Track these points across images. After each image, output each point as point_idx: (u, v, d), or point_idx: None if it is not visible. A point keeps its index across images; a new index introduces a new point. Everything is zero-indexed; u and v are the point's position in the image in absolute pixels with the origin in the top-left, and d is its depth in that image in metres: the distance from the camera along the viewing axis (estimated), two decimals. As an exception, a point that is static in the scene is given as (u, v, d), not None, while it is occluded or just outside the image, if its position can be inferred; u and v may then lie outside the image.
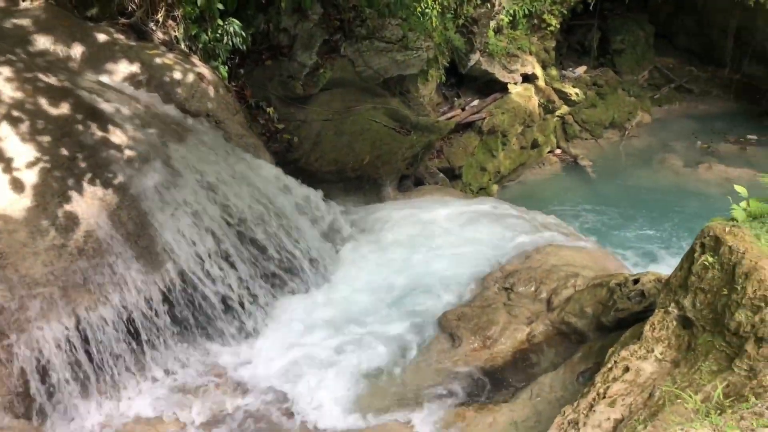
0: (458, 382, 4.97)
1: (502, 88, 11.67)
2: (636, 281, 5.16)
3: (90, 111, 5.32)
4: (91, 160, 5.03)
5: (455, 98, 11.54)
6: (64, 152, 4.93)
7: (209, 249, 5.40)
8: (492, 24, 11.21)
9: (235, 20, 7.07)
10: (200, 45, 6.99)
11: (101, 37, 6.28)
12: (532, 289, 6.02)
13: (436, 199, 8.35)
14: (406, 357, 5.29)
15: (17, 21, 5.98)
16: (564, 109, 13.10)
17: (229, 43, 7.15)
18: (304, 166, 7.98)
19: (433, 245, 6.96)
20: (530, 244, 6.88)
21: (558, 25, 12.90)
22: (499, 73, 11.42)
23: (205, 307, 5.31)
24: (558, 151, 13.06)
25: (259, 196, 6.08)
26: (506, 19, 11.64)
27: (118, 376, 4.81)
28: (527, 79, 12.12)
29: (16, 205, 4.53)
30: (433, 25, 9.45)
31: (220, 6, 6.81)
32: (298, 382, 5.05)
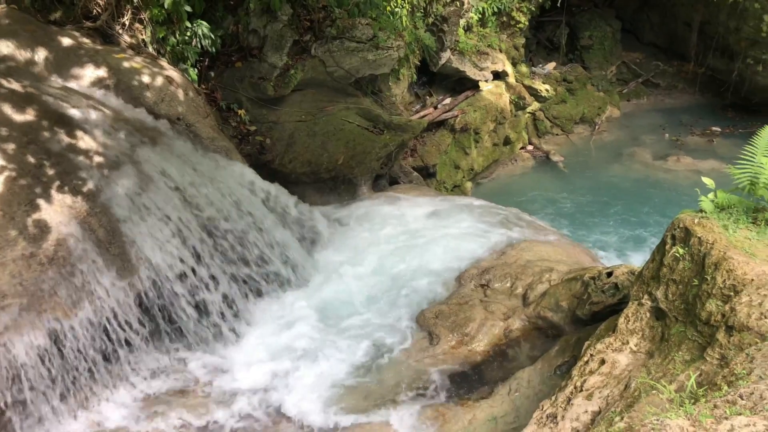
0: (437, 379, 4.98)
1: (474, 86, 11.74)
2: (609, 274, 5.23)
3: (56, 117, 5.22)
4: (59, 167, 4.93)
5: (427, 97, 11.57)
6: (31, 160, 4.83)
7: (183, 254, 5.34)
8: (462, 22, 11.26)
9: (204, 22, 7.00)
10: (168, 48, 6.91)
11: (66, 42, 6.16)
12: (508, 284, 6.07)
13: (411, 198, 8.36)
14: (385, 356, 5.30)
15: (-22, 26, 5.85)
16: (535, 105, 13.22)
17: (198, 46, 7.07)
18: (277, 168, 7.93)
19: (409, 244, 6.97)
20: (505, 240, 6.94)
21: (527, 22, 13.02)
22: (470, 71, 11.48)
23: (181, 313, 5.26)
24: (530, 147, 13.18)
25: (232, 200, 6.03)
26: (476, 17, 11.71)
27: (93, 386, 4.73)
28: (498, 76, 12.21)
29: (-18, 216, 4.42)
30: (404, 24, 9.46)
31: (188, 8, 6.73)
32: (278, 385, 5.03)
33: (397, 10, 9.32)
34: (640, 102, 15.05)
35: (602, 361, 3.66)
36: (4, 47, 5.77)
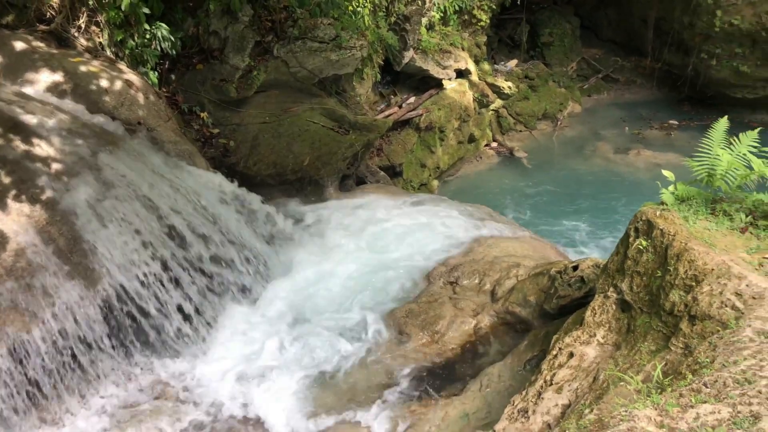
0: (409, 378, 4.99)
1: (437, 84, 11.80)
2: (575, 268, 5.31)
3: (10, 123, 5.07)
4: (14, 175, 4.79)
5: (392, 96, 11.59)
6: (-15, 168, 4.68)
7: (148, 261, 5.24)
8: (424, 21, 11.30)
9: (163, 24, 6.88)
10: (127, 51, 6.76)
11: (19, 46, 5.99)
12: (476, 281, 6.11)
13: (378, 198, 8.37)
14: (356, 357, 5.28)
15: (-75, 31, 5.65)
16: (498, 102, 13.36)
17: (158, 48, 6.95)
18: (242, 171, 7.84)
19: (378, 244, 6.97)
20: (472, 237, 6.99)
21: (488, 20, 13.14)
22: (434, 70, 11.53)
23: (147, 321, 5.15)
24: (494, 144, 13.31)
25: (196, 204, 5.94)
26: (438, 16, 11.76)
27: (58, 398, 4.61)
28: (461, 74, 12.29)
29: (-65, 227, 4.27)
30: (366, 24, 9.45)
31: (146, 10, 6.60)
32: (249, 390, 4.97)
33: (359, 9, 9.30)
34: (600, 97, 15.33)
35: (571, 354, 3.71)
36: (-46, 52, 5.59)
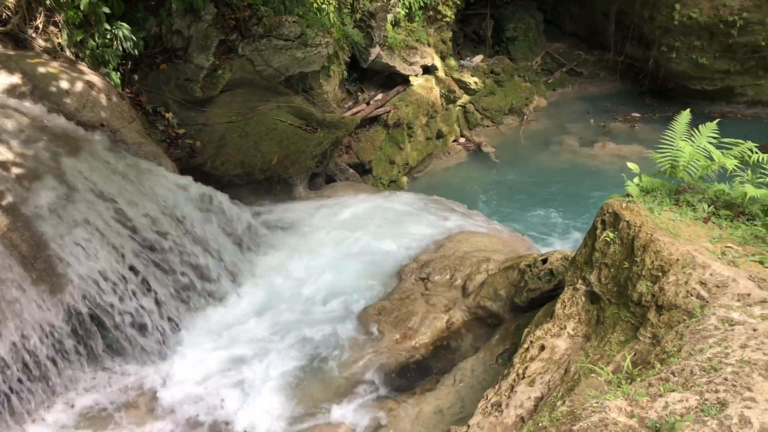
0: (383, 375, 5.00)
1: (404, 81, 11.82)
2: (544, 261, 5.38)
3: (-33, 128, 4.92)
4: (-28, 181, 4.65)
5: (359, 93, 11.56)
6: (-59, 175, 4.54)
7: (114, 266, 5.14)
8: (389, 17, 11.30)
9: (124, 24, 6.73)
10: (87, 51, 6.61)
11: (-26, 48, 5.81)
12: (447, 276, 6.15)
13: (348, 196, 8.35)
14: (329, 357, 5.27)
15: None
16: (465, 98, 13.43)
17: (120, 48, 6.80)
18: (209, 171, 7.74)
19: (348, 242, 6.96)
20: (442, 232, 7.03)
21: (453, 16, 13.19)
22: (400, 66, 11.54)
23: (115, 327, 5.06)
24: (462, 140, 13.38)
25: (163, 206, 5.84)
26: (403, 12, 11.77)
27: (24, 406, 4.50)
28: (427, 70, 12.32)
29: None
30: (331, 21, 9.40)
31: (106, 9, 6.46)
32: (221, 394, 4.92)
33: (324, 6, 9.26)
34: (565, 91, 15.54)
35: (542, 347, 3.76)
36: None
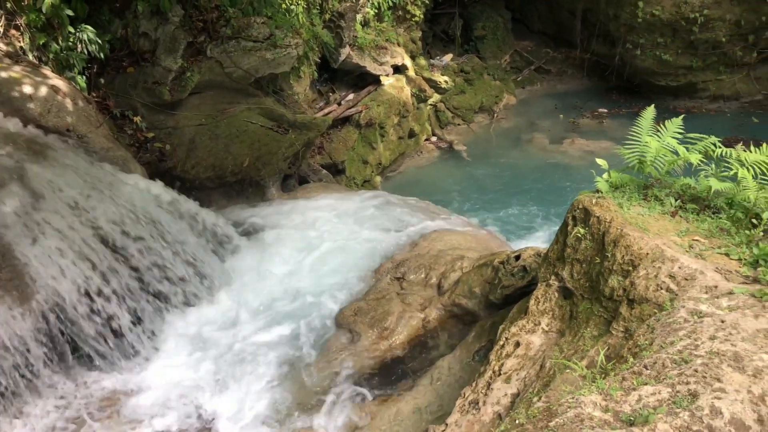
0: (360, 377, 5.00)
1: (375, 81, 11.83)
2: (517, 257, 5.42)
3: (-73, 136, 4.78)
4: (-66, 190, 4.53)
5: (330, 94, 11.54)
6: None
7: (84, 273, 5.05)
8: (358, 17, 11.29)
9: (89, 27, 6.61)
10: (51, 55, 6.48)
11: (-68, 53, 5.65)
12: (423, 275, 6.17)
13: (321, 196, 8.33)
14: (306, 360, 5.25)
15: None
16: (435, 97, 13.49)
17: (84, 52, 6.68)
18: (180, 175, 7.65)
19: (322, 244, 6.93)
20: (416, 231, 7.05)
21: (422, 15, 13.24)
22: (371, 66, 11.55)
23: (88, 335, 4.97)
24: (434, 139, 13.45)
25: (133, 212, 5.76)
26: (372, 12, 11.77)
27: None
28: (398, 70, 12.35)
29: None
30: (300, 22, 9.36)
31: (69, 12, 6.34)
32: (197, 401, 4.87)
33: (293, 7, 9.21)
34: (534, 88, 15.70)
35: (517, 344, 3.80)
36: None
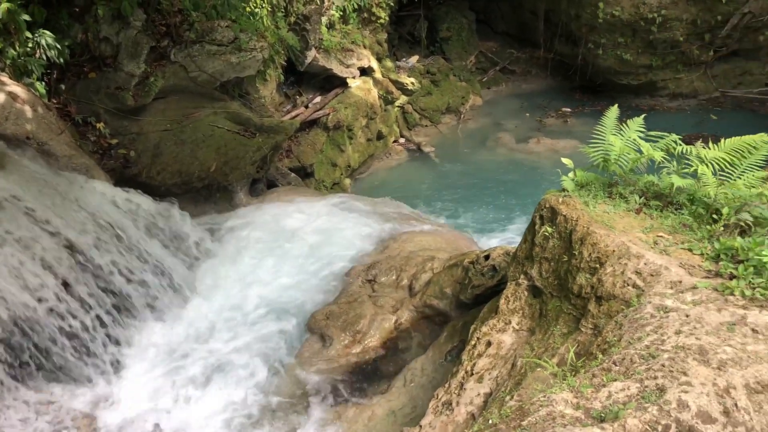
0: (334, 381, 4.98)
1: (342, 83, 11.81)
2: (487, 257, 5.47)
3: None
4: None
5: (297, 96, 11.49)
6: None
7: (48, 283, 4.92)
8: (324, 20, 11.27)
9: (47, 32, 6.46)
10: (8, 61, 6.31)
11: None
12: (394, 277, 6.18)
13: (290, 200, 8.28)
14: (279, 367, 5.20)
15: None
16: (403, 98, 13.54)
17: (43, 57, 6.52)
18: (145, 181, 7.52)
19: (292, 248, 6.89)
20: (387, 233, 7.06)
21: (387, 17, 13.27)
22: (337, 68, 11.53)
23: (52, 348, 4.85)
24: (402, 140, 13.49)
25: (98, 220, 5.64)
26: (337, 15, 11.76)
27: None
28: (365, 72, 12.36)
29: None
30: (265, 25, 9.29)
31: (27, 17, 6.18)
32: (170, 412, 4.78)
33: (257, 10, 9.14)
34: (499, 89, 15.87)
35: (488, 343, 3.83)
36: None
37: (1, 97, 5.79)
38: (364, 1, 12.24)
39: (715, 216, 3.73)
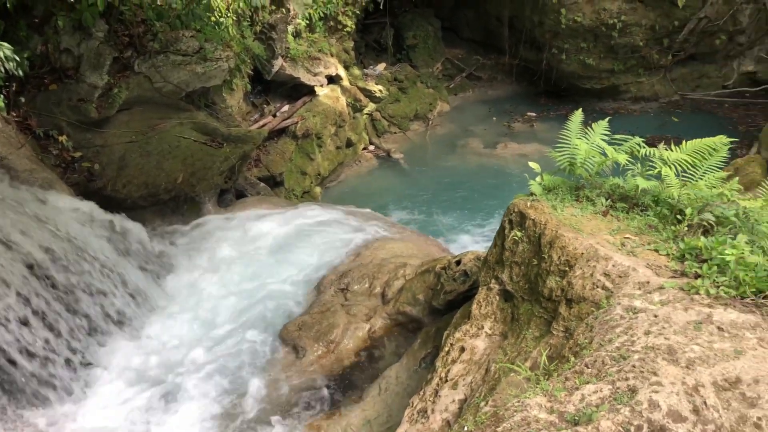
0: (308, 393, 4.93)
1: (310, 92, 11.77)
2: (458, 262, 5.49)
3: None
4: None
5: (264, 105, 11.41)
6: None
7: (9, 302, 4.78)
8: (290, 29, 11.22)
9: (5, 43, 6.29)
10: (-36, 74, 6.14)
11: None
12: (366, 285, 6.16)
13: (259, 210, 8.20)
14: (251, 381, 5.11)
15: None
16: (371, 106, 13.57)
17: (2, 70, 6.35)
18: (111, 194, 7.38)
19: (262, 259, 6.83)
20: (359, 241, 7.05)
21: (353, 26, 13.29)
22: (304, 77, 11.49)
23: (14, 368, 4.70)
24: (372, 147, 13.50)
25: (61, 235, 5.51)
26: (303, 23, 11.73)
27: None
28: (332, 80, 12.35)
29: None
30: (230, 34, 9.22)
31: (-17, 29, 6.04)
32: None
33: (222, 20, 9.07)
34: (466, 95, 16.01)
35: (462, 349, 3.83)
36: None
37: (-43, 112, 5.64)
38: (330, 9, 12.24)
39: (679, 216, 3.81)
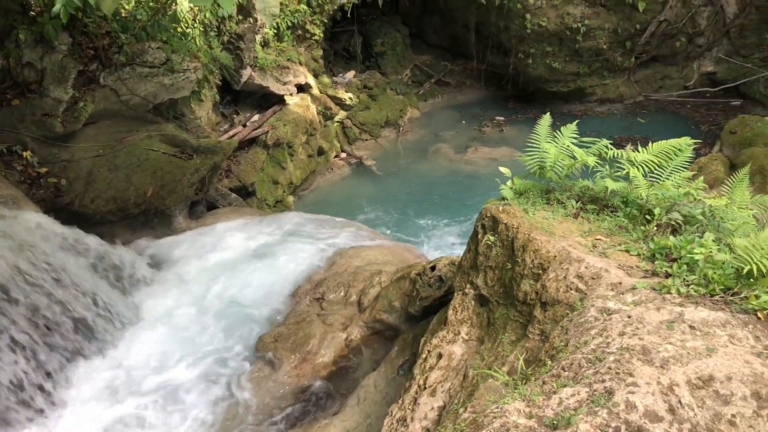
0: (285, 405, 4.88)
1: (280, 101, 11.73)
2: (433, 268, 5.50)
3: None
4: None
5: (234, 116, 11.33)
6: None
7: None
8: (258, 38, 11.17)
9: (-36, 59, 6.17)
10: None
11: None
12: (342, 294, 6.13)
13: (231, 222, 8.12)
14: (228, 396, 5.04)
15: None
16: (341, 114, 13.56)
17: (-39, 86, 6.22)
18: (79, 210, 7.24)
19: (236, 271, 6.75)
20: (333, 250, 7.02)
21: (322, 34, 13.28)
22: (274, 86, 11.44)
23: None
24: (343, 155, 13.49)
25: (27, 254, 5.38)
26: (271, 32, 11.69)
27: None
28: (302, 89, 12.31)
29: None
30: (198, 45, 9.14)
31: (-59, 44, 5.89)
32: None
33: (189, 30, 8.98)
34: (435, 101, 16.10)
35: (439, 355, 3.84)
36: None
37: None
38: (298, 18, 12.22)
39: (648, 217, 3.88)
